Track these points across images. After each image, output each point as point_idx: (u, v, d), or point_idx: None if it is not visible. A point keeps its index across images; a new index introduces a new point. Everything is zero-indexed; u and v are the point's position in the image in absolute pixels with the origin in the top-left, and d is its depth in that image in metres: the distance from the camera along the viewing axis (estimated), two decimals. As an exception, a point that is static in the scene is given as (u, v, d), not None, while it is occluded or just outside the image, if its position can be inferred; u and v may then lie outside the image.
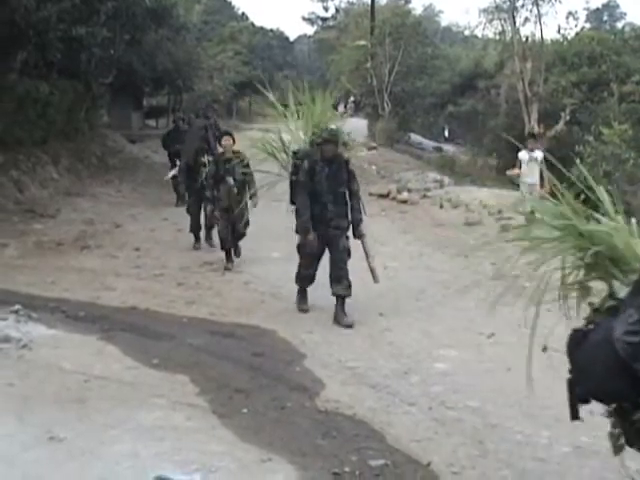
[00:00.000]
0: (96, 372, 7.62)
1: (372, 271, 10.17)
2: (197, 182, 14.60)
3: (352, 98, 56.22)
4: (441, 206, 20.08)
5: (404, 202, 21.31)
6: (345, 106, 63.84)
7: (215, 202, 13.25)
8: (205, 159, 14.70)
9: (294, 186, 10.49)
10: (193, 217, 15.14)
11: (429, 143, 44.94)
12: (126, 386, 7.31)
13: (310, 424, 6.57)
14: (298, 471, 5.60)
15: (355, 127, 43.93)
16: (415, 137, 44.09)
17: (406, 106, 40.54)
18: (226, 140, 13.22)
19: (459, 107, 41.35)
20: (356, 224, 10.21)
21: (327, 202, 10.10)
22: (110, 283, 11.69)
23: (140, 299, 10.78)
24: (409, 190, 22.37)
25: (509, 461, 5.89)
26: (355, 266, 10.14)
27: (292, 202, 10.58)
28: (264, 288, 11.50)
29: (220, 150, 13.81)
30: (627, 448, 6.13)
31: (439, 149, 42.70)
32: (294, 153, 10.73)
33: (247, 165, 12.70)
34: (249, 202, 12.80)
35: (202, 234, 15.20)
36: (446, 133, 47.81)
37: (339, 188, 10.16)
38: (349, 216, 10.22)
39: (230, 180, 12.94)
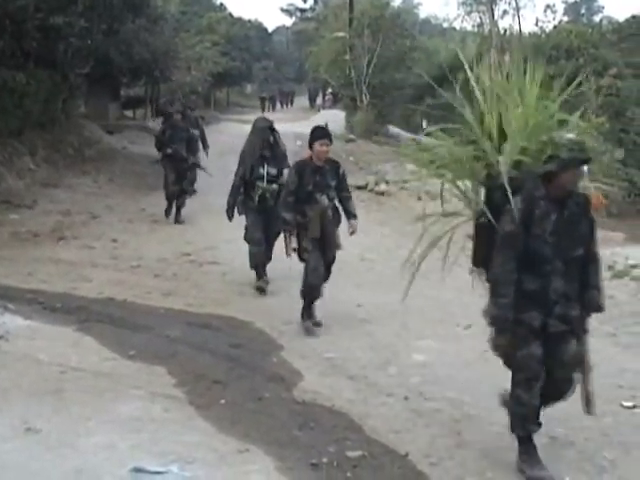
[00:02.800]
0: (73, 363, 7.59)
1: (587, 397, 5.73)
2: (254, 201, 11.05)
3: (330, 90, 56.18)
4: (419, 198, 20.10)
5: (382, 194, 21.37)
6: (323, 98, 63.98)
7: (301, 230, 9.35)
8: (264, 170, 10.96)
9: (487, 237, 5.92)
10: (255, 246, 11.14)
11: (407, 135, 44.89)
12: (103, 377, 7.29)
13: (288, 415, 6.57)
14: (276, 462, 5.59)
15: (333, 119, 44.10)
16: (393, 129, 44.04)
17: (384, 98, 40.50)
18: (322, 145, 9.29)
19: (437, 99, 41.33)
20: (591, 312, 5.89)
21: (552, 273, 5.64)
22: (87, 274, 11.64)
23: (117, 290, 10.74)
24: (387, 182, 22.42)
25: (487, 452, 5.91)
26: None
27: (477, 264, 6.27)
28: (242, 279, 11.46)
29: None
30: (604, 438, 6.20)
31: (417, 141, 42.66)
32: (488, 178, 6.03)
33: (343, 177, 9.65)
34: (348, 226, 9.62)
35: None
36: (424, 125, 47.78)
37: (575, 250, 5.68)
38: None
39: (324, 199, 9.30)
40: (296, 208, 9.32)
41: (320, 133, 9.53)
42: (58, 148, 24.13)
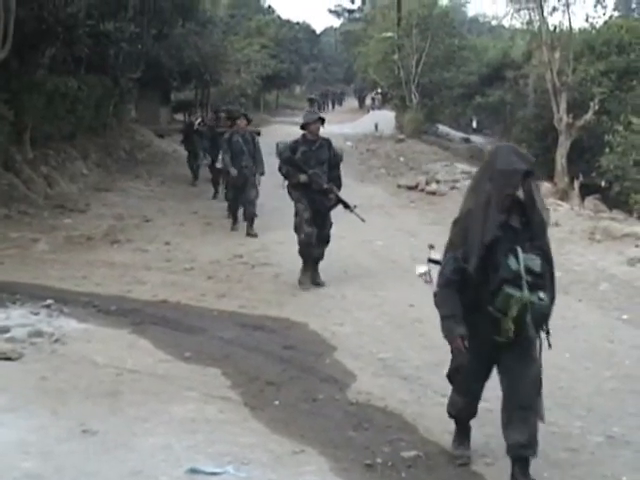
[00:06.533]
0: (128, 366, 7.65)
1: None
2: (490, 326, 5.31)
3: (379, 90, 56.17)
4: (470, 197, 19.97)
5: (433, 194, 21.34)
6: (372, 98, 63.97)
7: None
8: (518, 262, 5.11)
9: None
10: (465, 397, 5.98)
11: (457, 134, 44.76)
12: (158, 379, 7.34)
13: (342, 416, 6.57)
14: (330, 463, 5.60)
15: (383, 119, 44.06)
16: (443, 128, 43.94)
17: (434, 97, 40.38)
18: None
19: (487, 98, 41.15)
20: None
21: None
22: (141, 277, 11.74)
23: (171, 292, 10.81)
24: (437, 181, 22.39)
25: (542, 451, 5.84)
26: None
27: None
28: (294, 281, 11.47)
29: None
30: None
31: (467, 140, 42.55)
32: None
33: None
34: None
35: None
36: (474, 124, 47.56)
37: None
38: None
39: None
40: None
41: None
42: (110, 152, 24.46)
